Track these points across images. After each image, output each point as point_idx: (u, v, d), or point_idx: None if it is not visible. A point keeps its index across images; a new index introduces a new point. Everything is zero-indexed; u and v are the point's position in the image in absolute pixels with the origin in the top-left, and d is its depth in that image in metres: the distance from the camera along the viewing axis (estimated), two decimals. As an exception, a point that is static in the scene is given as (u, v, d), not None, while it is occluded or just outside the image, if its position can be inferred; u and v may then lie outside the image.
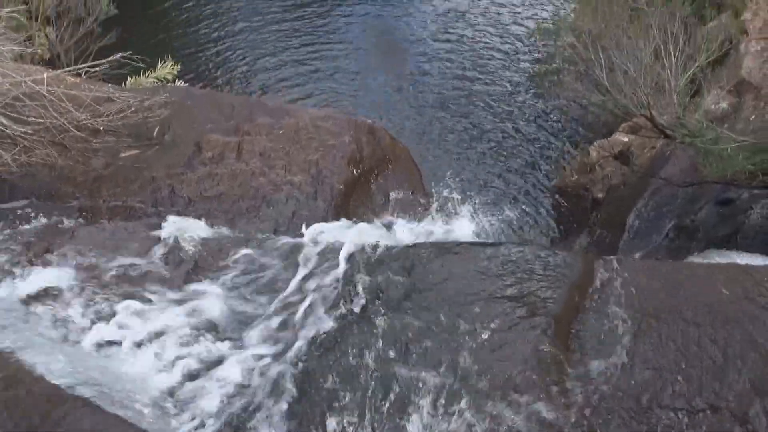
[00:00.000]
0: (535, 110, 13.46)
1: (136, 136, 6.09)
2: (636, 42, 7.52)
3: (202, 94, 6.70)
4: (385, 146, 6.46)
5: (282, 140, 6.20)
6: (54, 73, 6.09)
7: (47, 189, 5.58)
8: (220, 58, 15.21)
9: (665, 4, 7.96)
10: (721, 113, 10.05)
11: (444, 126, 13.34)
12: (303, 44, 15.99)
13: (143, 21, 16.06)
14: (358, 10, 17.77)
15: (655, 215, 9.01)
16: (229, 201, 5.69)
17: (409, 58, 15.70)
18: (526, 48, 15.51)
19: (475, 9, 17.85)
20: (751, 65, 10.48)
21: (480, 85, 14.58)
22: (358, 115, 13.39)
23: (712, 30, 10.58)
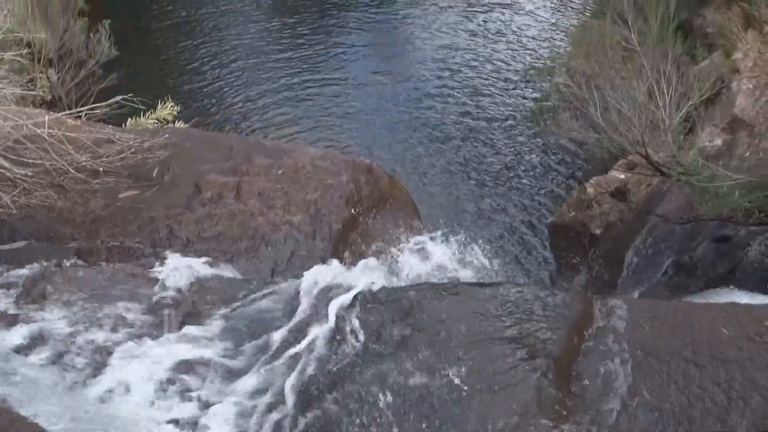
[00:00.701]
0: (531, 147, 13.60)
1: (136, 176, 6.13)
2: (630, 82, 7.63)
3: (201, 135, 6.76)
4: (383, 185, 6.50)
5: (281, 180, 6.24)
6: (55, 115, 6.16)
7: (46, 230, 5.59)
8: (219, 97, 15.40)
9: (657, 45, 8.10)
10: (715, 150, 10.14)
11: (441, 163, 13.44)
12: (301, 82, 16.21)
13: (144, 62, 16.30)
14: (356, 46, 18.07)
15: (654, 252, 9.01)
16: (227, 241, 5.69)
17: (406, 95, 15.91)
18: (522, 86, 15.75)
19: (473, 47, 18.17)
20: (743, 103, 10.62)
21: (477, 121, 14.75)
22: (356, 152, 13.53)
23: (704, 69, 10.75)
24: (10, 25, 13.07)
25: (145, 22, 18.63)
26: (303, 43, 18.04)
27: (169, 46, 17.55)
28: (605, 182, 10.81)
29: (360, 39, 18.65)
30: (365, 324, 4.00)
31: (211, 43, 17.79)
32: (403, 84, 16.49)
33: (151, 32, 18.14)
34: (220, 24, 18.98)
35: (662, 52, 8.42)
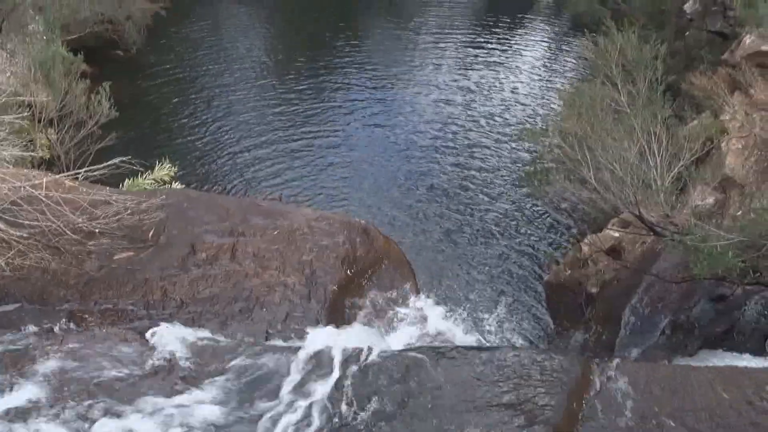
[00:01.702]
0: (526, 207, 13.73)
1: (132, 238, 6.12)
2: (621, 143, 7.76)
3: (198, 197, 6.79)
4: (378, 246, 6.50)
5: (276, 241, 6.24)
6: (53, 177, 6.20)
7: (39, 292, 5.54)
8: (217, 156, 15.57)
9: (646, 107, 8.28)
10: (708, 209, 10.25)
11: (437, 222, 13.51)
12: (297, 140, 16.45)
13: (143, 122, 16.57)
14: (352, 101, 18.44)
15: (650, 311, 8.97)
16: (222, 303, 5.64)
17: (402, 153, 16.12)
18: (516, 146, 16.02)
19: (468, 103, 18.57)
20: (733, 162, 10.81)
21: (472, 181, 14.92)
22: (352, 209, 13.61)
23: (693, 129, 10.98)
24: (13, 86, 13.32)
25: (144, 83, 19.03)
26: (299, 101, 18.40)
27: (168, 106, 17.87)
28: (600, 240, 10.86)
29: (356, 95, 19.06)
30: (361, 389, 3.93)
31: (208, 103, 18.14)
32: (398, 142, 16.74)
33: (150, 93, 18.51)
34: (217, 83, 19.39)
35: (651, 113, 8.61)
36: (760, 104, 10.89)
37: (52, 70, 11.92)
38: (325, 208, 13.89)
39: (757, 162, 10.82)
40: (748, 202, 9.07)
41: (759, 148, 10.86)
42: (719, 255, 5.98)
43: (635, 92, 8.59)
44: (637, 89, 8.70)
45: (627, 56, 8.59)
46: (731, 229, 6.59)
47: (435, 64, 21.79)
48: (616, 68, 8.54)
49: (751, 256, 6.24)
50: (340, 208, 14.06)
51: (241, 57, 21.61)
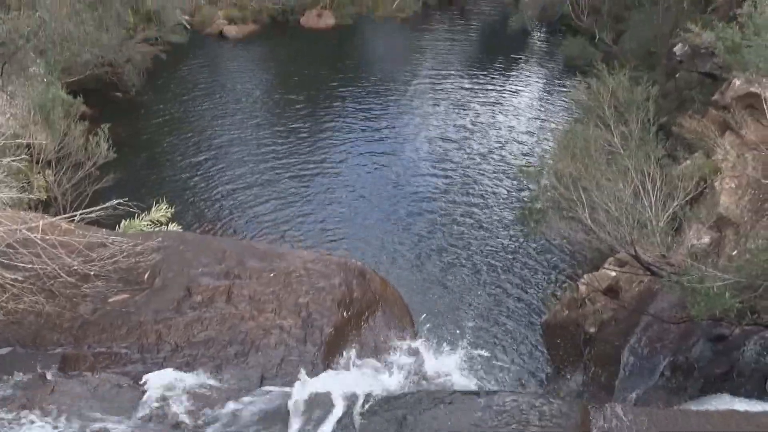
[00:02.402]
0: (522, 247, 13.74)
1: (127, 280, 6.09)
2: (615, 183, 7.82)
3: (194, 239, 6.79)
4: (375, 288, 6.47)
5: (272, 283, 6.21)
6: (49, 220, 6.20)
7: (32, 336, 5.48)
8: (214, 198, 15.61)
9: (640, 148, 8.38)
10: (703, 248, 10.27)
11: (434, 262, 13.50)
12: (294, 182, 16.52)
13: (140, 163, 16.66)
14: (348, 141, 18.59)
15: (649, 352, 8.90)
16: (217, 346, 5.58)
17: (399, 192, 16.19)
18: (512, 186, 16.12)
19: (465, 143, 18.75)
20: (727, 202, 10.88)
21: (469, 221, 14.96)
22: (348, 248, 13.60)
23: (686, 169, 11.07)
24: (13, 127, 13.43)
25: (142, 124, 19.21)
26: (295, 141, 18.55)
27: (165, 146, 18.00)
28: (597, 280, 10.84)
29: (352, 134, 19.23)
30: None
31: (205, 143, 18.27)
32: (395, 180, 16.83)
33: (148, 134, 18.66)
34: (214, 124, 19.57)
35: (645, 153, 8.70)
36: (751, 144, 11.02)
37: (51, 112, 12.04)
38: (322, 248, 13.88)
39: (750, 201, 10.88)
40: (743, 241, 9.09)
41: (752, 188, 10.93)
42: (716, 296, 5.97)
43: (628, 133, 8.70)
44: (630, 130, 8.81)
45: (619, 98, 8.73)
46: (727, 270, 6.59)
47: (431, 103, 22.09)
48: (609, 110, 8.67)
49: (748, 296, 6.23)
50: (337, 247, 14.05)
51: (238, 98, 21.88)
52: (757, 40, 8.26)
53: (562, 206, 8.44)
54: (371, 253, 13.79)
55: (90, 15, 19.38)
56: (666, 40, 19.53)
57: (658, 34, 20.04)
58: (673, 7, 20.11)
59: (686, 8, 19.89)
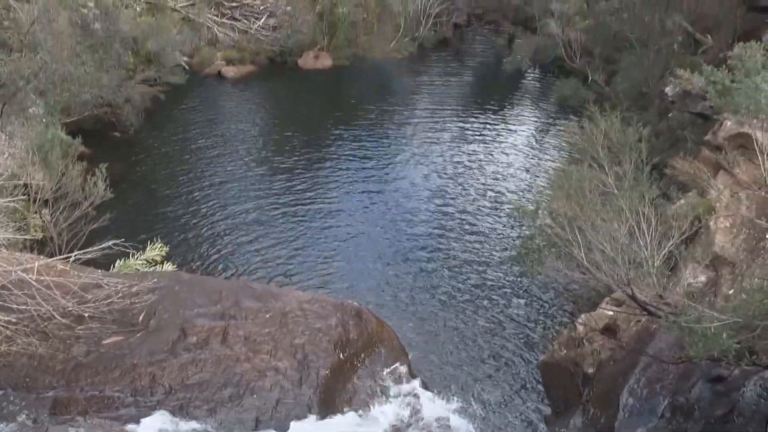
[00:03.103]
0: (519, 287, 13.71)
1: (121, 321, 6.05)
2: (610, 223, 7.87)
3: (190, 279, 6.77)
4: (371, 329, 6.44)
5: (268, 324, 6.18)
6: (45, 261, 6.19)
7: (24, 379, 5.41)
8: (210, 237, 15.59)
9: (634, 188, 8.46)
10: (700, 288, 10.26)
11: (430, 302, 13.43)
12: (290, 221, 16.53)
13: (137, 203, 16.69)
14: (345, 181, 18.66)
15: (649, 392, 8.81)
16: (212, 389, 5.52)
17: (395, 230, 16.21)
18: (508, 226, 16.17)
19: (461, 179, 18.87)
20: (723, 241, 10.91)
21: (466, 261, 14.94)
22: (345, 287, 13.54)
23: (680, 208, 11.14)
24: (11, 167, 13.48)
25: (140, 164, 19.30)
26: (292, 180, 18.63)
27: (162, 186, 18.06)
28: (594, 319, 10.78)
29: (349, 173, 19.34)
30: (353, 483, 3.80)
31: (202, 183, 18.34)
32: (391, 218, 16.86)
33: (145, 173, 18.75)
34: (212, 164, 19.68)
35: (639, 194, 8.78)
36: (744, 184, 11.12)
37: (50, 152, 12.12)
38: (319, 286, 13.83)
39: (745, 240, 10.92)
40: (739, 281, 9.11)
41: (747, 227, 10.99)
42: (714, 336, 5.95)
43: (622, 173, 8.79)
44: (624, 170, 8.90)
45: (612, 139, 8.85)
46: (725, 310, 6.58)
47: (428, 141, 22.30)
48: (602, 150, 8.78)
49: (745, 337, 6.20)
50: (333, 284, 14.00)
51: (235, 138, 22.06)
52: (747, 83, 8.43)
53: (559, 246, 8.47)
54: (368, 292, 13.74)
55: (91, 57, 19.69)
56: (657, 81, 19.88)
57: (650, 76, 20.40)
58: (664, 49, 20.52)
59: (676, 50, 20.31)
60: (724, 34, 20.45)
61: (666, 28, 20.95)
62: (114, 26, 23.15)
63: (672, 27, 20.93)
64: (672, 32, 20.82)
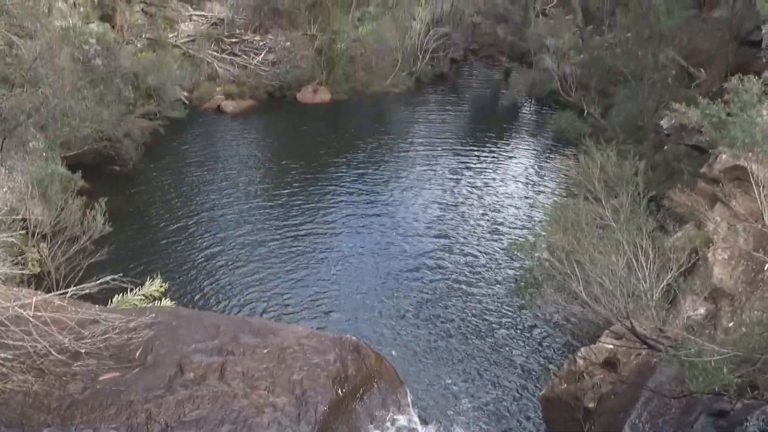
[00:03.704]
0: (518, 320, 13.64)
1: (118, 357, 6.00)
2: (608, 256, 7.89)
3: (188, 314, 6.74)
4: (370, 364, 6.39)
5: (266, 360, 6.13)
6: (42, 296, 6.16)
7: (18, 417, 5.34)
8: (209, 272, 15.53)
9: (631, 221, 8.50)
10: (699, 320, 10.23)
11: (429, 335, 13.34)
12: (288, 254, 16.51)
13: (135, 237, 16.68)
14: (344, 216, 18.69)
15: (651, 427, 8.71)
16: (209, 426, 5.45)
17: (393, 265, 16.17)
18: (506, 258, 16.15)
19: (458, 217, 18.89)
20: (721, 273, 10.92)
21: (465, 294, 14.89)
22: (342, 321, 13.46)
23: (678, 240, 11.18)
24: (10, 201, 13.53)
25: (139, 198, 19.36)
26: (290, 214, 18.67)
27: (161, 220, 18.07)
28: (594, 353, 10.72)
29: (347, 206, 19.39)
30: None
31: (201, 216, 18.37)
32: (389, 251, 16.85)
33: (144, 207, 18.79)
34: (210, 197, 19.74)
35: (636, 226, 8.82)
36: (741, 216, 11.17)
37: (49, 187, 12.16)
38: (318, 319, 13.76)
39: (744, 272, 10.92)
40: (738, 313, 9.08)
41: (745, 259, 11.00)
42: (715, 370, 5.91)
43: (619, 206, 8.84)
44: (621, 203, 8.96)
45: (608, 172, 8.92)
46: (725, 343, 6.56)
47: (426, 173, 22.44)
48: (599, 184, 8.84)
49: (747, 371, 6.17)
50: (332, 318, 13.93)
51: (234, 171, 22.18)
52: (743, 116, 8.53)
53: (557, 279, 8.47)
54: (367, 323, 13.67)
55: (91, 91, 19.90)
56: (652, 114, 20.12)
57: (645, 109, 20.65)
58: (658, 83, 20.81)
59: (671, 84, 20.60)
60: (717, 68, 20.79)
61: (659, 62, 21.29)
62: (115, 62, 23.50)
63: (665, 61, 21.27)
64: (665, 66, 21.15)
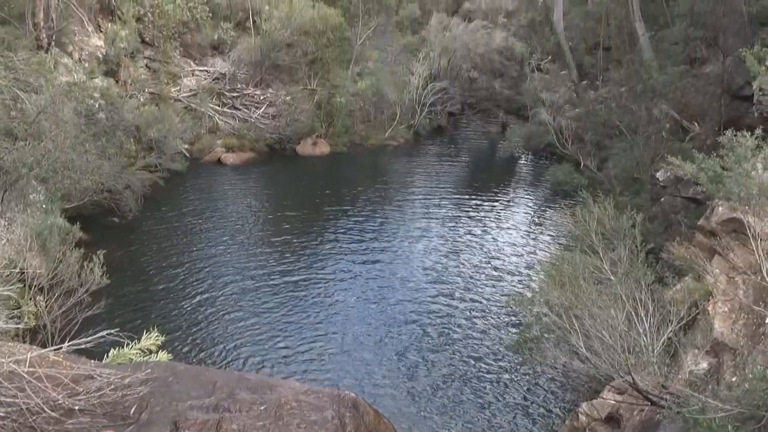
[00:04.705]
0: (518, 376, 13.42)
1: (112, 415, 5.89)
2: (607, 310, 7.85)
3: (184, 370, 6.64)
4: (369, 421, 6.28)
5: (263, 417, 6.02)
6: (37, 352, 6.10)
7: (6, 478, 5.22)
8: (206, 325, 15.35)
9: (629, 274, 8.50)
10: (702, 375, 10.09)
11: (428, 392, 13.10)
12: (286, 308, 16.35)
13: (133, 289, 16.57)
14: (341, 270, 18.61)
15: (656, 487, 8.50)
16: (203, 486, 5.33)
17: (392, 320, 16.01)
18: (506, 312, 16.03)
19: (456, 270, 18.83)
20: (722, 326, 10.81)
21: (464, 348, 14.70)
22: (342, 379, 13.24)
23: (677, 293, 11.12)
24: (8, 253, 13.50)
25: (137, 249, 19.33)
26: (288, 267, 18.59)
27: (159, 272, 17.99)
28: (596, 408, 10.54)
29: (345, 259, 19.32)
30: None
31: (198, 269, 18.28)
32: (389, 303, 16.72)
33: (142, 259, 18.73)
34: (208, 250, 19.70)
35: (635, 280, 8.81)
36: (740, 268, 11.15)
37: (48, 239, 12.16)
38: (315, 374, 13.54)
39: (745, 326, 10.83)
40: (741, 368, 8.97)
41: (745, 312, 10.93)
42: (719, 428, 5.82)
43: (617, 259, 8.85)
44: (619, 256, 8.97)
45: (605, 225, 8.97)
46: (728, 399, 6.46)
47: (424, 224, 22.50)
48: (596, 237, 8.88)
49: (752, 428, 6.06)
50: (330, 372, 13.71)
51: (232, 222, 22.23)
52: (738, 170, 8.64)
53: (557, 334, 8.41)
54: (365, 378, 13.45)
55: (93, 144, 20.16)
56: (648, 166, 20.34)
57: (641, 161, 20.89)
58: (653, 136, 21.13)
59: (665, 137, 20.90)
60: (711, 121, 21.15)
61: (653, 116, 21.69)
62: (118, 115, 23.88)
63: (659, 115, 21.68)
64: (660, 120, 21.54)
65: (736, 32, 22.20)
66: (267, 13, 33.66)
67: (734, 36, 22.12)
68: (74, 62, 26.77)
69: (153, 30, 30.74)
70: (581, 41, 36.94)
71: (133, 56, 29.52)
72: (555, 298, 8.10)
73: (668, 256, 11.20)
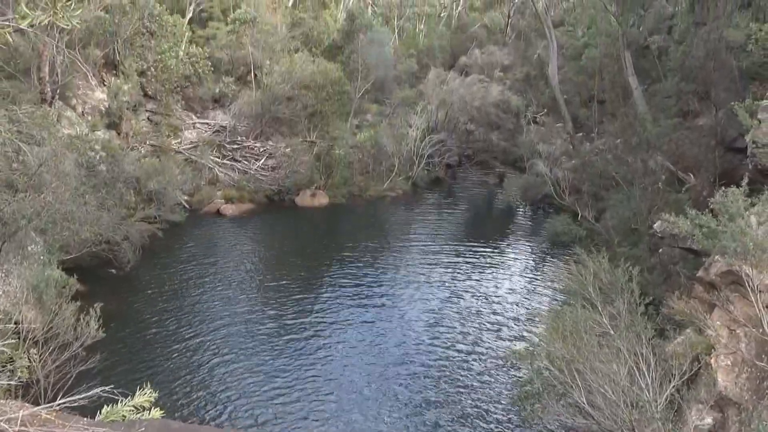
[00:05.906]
0: (521, 429, 13.12)
1: (103, 476, 5.75)
2: (609, 365, 7.76)
3: (179, 428, 6.51)
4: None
5: (258, 478, 5.88)
6: (30, 410, 5.98)
7: None
8: (201, 380, 15.09)
9: (629, 328, 8.44)
10: (707, 430, 9.90)
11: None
12: (283, 363, 16.12)
13: (128, 343, 16.37)
14: (339, 323, 18.43)
15: None
16: None
17: (392, 375, 15.77)
18: (505, 366, 15.81)
19: (456, 323, 18.67)
20: (725, 380, 10.68)
21: (464, 405, 14.42)
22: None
23: (678, 346, 11.01)
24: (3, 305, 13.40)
25: (134, 302, 19.17)
26: (286, 321, 18.41)
27: (155, 325, 17.80)
28: (601, 466, 10.29)
29: (343, 313, 19.16)
30: None
31: (195, 323, 18.09)
32: (388, 354, 16.51)
33: (138, 312, 18.56)
34: (205, 303, 19.54)
35: (635, 334, 8.74)
36: (740, 321, 11.08)
37: (44, 292, 12.08)
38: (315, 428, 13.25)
39: (749, 379, 10.69)
40: (747, 422, 8.82)
41: (748, 365, 10.80)
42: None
43: (616, 313, 8.80)
44: (618, 310, 8.92)
45: (602, 279, 8.95)
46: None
47: (422, 276, 22.41)
48: (594, 291, 8.85)
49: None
50: (329, 427, 13.42)
51: (231, 274, 22.13)
52: (732, 226, 8.68)
53: (558, 389, 8.28)
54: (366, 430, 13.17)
55: (93, 196, 20.24)
56: (645, 217, 20.42)
57: (638, 212, 20.99)
58: (649, 187, 21.29)
59: (661, 188, 21.06)
60: (706, 173, 21.37)
61: (649, 167, 21.91)
62: (118, 167, 24.09)
63: (655, 167, 21.89)
64: (655, 171, 21.74)
65: (727, 86, 22.67)
66: (268, 68, 34.37)
67: (725, 90, 22.57)
68: (77, 115, 27.19)
69: (155, 84, 31.35)
70: (576, 94, 37.66)
71: (135, 109, 30.01)
72: (557, 350, 8.01)
73: (668, 311, 11.12)
